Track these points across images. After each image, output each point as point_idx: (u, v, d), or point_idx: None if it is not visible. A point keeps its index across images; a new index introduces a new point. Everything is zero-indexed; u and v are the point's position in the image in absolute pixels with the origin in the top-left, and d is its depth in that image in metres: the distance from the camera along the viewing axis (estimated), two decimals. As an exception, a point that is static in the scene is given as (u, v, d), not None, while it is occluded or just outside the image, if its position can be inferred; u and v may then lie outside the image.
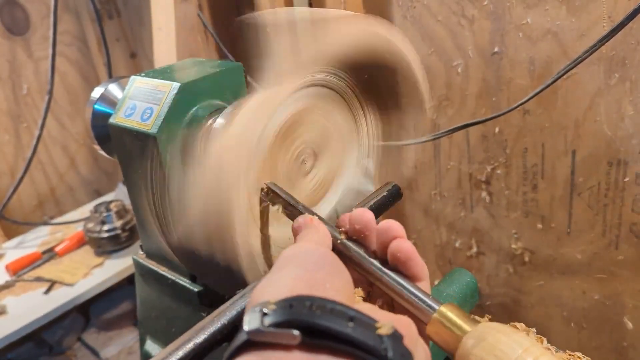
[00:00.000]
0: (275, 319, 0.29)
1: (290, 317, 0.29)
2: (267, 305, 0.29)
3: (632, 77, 0.78)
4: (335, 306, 0.30)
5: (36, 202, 1.69)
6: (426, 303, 0.37)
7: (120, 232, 1.45)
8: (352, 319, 0.29)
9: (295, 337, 0.28)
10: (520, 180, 0.97)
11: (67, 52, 1.69)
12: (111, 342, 1.50)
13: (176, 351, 0.36)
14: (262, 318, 0.29)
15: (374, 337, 0.29)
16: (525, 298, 1.06)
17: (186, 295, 0.66)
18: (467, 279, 0.79)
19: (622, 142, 0.83)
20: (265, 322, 0.28)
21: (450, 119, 1.02)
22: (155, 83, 0.61)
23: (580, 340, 1.02)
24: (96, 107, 0.71)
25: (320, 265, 0.35)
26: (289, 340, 0.28)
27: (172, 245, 0.61)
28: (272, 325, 0.28)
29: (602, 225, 0.90)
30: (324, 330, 0.28)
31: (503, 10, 0.87)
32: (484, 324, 0.34)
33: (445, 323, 0.35)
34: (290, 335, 0.28)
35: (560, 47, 0.83)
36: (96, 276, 1.37)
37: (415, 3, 0.98)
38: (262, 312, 0.29)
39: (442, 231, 1.16)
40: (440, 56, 0.99)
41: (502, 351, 0.31)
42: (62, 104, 1.70)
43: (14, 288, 1.35)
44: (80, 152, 1.78)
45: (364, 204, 0.53)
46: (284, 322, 0.28)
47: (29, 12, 1.58)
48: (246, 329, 0.28)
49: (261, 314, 0.29)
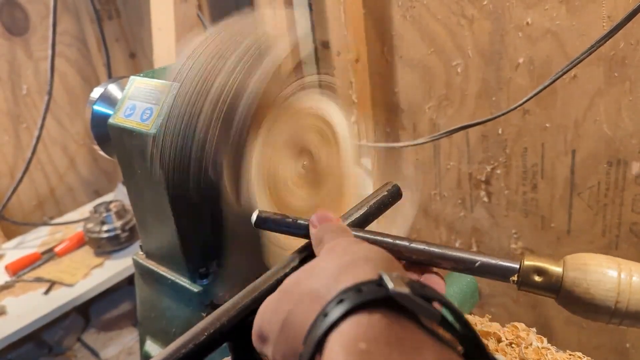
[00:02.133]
0: (420, 291, 0.27)
1: (431, 296, 0.27)
2: (400, 277, 0.28)
3: (632, 77, 0.78)
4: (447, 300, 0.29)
5: (36, 202, 1.69)
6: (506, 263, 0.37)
7: (120, 232, 1.44)
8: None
9: (436, 315, 0.27)
10: (520, 180, 0.97)
11: (67, 52, 1.69)
12: (111, 343, 1.50)
13: (176, 351, 0.36)
14: (409, 285, 0.27)
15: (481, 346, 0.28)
16: (525, 298, 1.06)
17: (186, 296, 0.66)
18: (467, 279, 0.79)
19: (622, 141, 0.83)
20: (413, 290, 0.27)
21: (450, 118, 1.02)
22: (154, 83, 0.60)
23: (580, 340, 1.01)
24: (96, 107, 0.71)
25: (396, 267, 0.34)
26: (430, 316, 0.27)
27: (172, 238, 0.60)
28: (419, 296, 0.27)
29: (602, 225, 0.90)
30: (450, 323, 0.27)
31: (503, 10, 0.87)
32: (571, 257, 0.36)
33: (538, 270, 0.36)
34: (435, 313, 0.27)
35: (560, 47, 0.83)
36: (96, 276, 1.37)
37: (415, 3, 0.98)
38: (403, 280, 0.27)
39: (442, 231, 1.16)
40: (440, 56, 0.99)
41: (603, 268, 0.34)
42: (62, 105, 1.70)
43: (13, 288, 1.35)
44: (79, 152, 1.78)
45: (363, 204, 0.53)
46: (426, 298, 0.27)
47: (28, 12, 1.58)
48: (391, 287, 0.27)
49: (404, 282, 0.27)
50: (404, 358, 0.24)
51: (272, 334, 0.33)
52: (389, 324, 0.26)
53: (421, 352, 0.25)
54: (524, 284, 0.36)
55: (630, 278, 0.33)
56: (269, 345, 0.33)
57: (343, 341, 0.25)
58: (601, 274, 0.33)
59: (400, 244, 0.41)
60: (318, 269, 0.33)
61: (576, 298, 0.34)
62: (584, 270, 0.34)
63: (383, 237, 0.42)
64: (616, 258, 0.34)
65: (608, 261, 0.34)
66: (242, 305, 0.39)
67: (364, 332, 0.25)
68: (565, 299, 0.35)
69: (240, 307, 0.39)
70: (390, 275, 0.28)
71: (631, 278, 0.33)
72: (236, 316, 0.39)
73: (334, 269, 0.31)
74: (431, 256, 0.40)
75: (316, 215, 0.42)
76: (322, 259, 0.35)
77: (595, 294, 0.33)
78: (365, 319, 0.26)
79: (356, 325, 0.26)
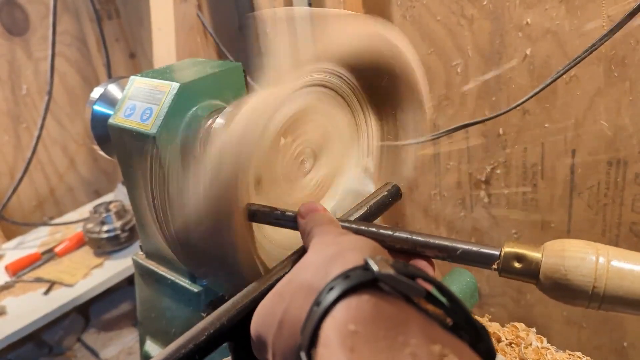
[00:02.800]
0: (404, 270, 0.28)
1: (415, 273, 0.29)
2: (385, 259, 0.29)
3: (632, 77, 0.78)
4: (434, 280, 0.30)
5: (36, 202, 1.69)
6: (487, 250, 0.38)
7: (119, 232, 1.44)
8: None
9: (421, 292, 0.28)
10: (520, 180, 0.97)
11: (67, 52, 1.69)
12: (111, 343, 1.50)
13: (176, 352, 0.36)
14: (392, 266, 0.28)
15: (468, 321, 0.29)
16: (524, 298, 1.06)
17: (186, 296, 0.66)
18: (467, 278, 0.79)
19: (622, 141, 0.83)
20: (397, 269, 0.28)
21: (450, 118, 1.02)
22: (154, 83, 0.60)
23: (580, 340, 1.01)
24: (96, 107, 0.71)
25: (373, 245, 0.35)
26: (415, 293, 0.28)
27: (171, 244, 0.61)
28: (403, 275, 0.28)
29: (602, 225, 0.90)
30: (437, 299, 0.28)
31: (502, 10, 0.87)
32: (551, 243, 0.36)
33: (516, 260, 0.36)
34: (419, 289, 0.28)
35: (560, 46, 0.83)
36: (96, 277, 1.37)
37: (415, 3, 0.98)
38: (386, 261, 0.29)
39: (442, 231, 1.16)
40: (440, 56, 0.99)
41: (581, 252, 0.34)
42: (62, 105, 1.70)
43: (13, 289, 1.35)
44: (79, 152, 1.78)
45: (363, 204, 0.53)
46: (410, 276, 0.28)
47: (28, 12, 1.58)
48: (376, 269, 0.28)
49: (388, 263, 0.29)
50: (390, 333, 0.26)
51: (269, 336, 0.33)
52: (376, 303, 0.27)
53: (407, 325, 0.26)
54: (504, 270, 0.37)
55: (607, 263, 0.33)
56: (269, 348, 0.33)
57: (335, 325, 0.27)
58: (579, 260, 0.34)
59: (384, 233, 0.41)
60: (307, 264, 0.34)
61: (555, 284, 0.35)
62: (562, 256, 0.34)
63: (368, 226, 0.43)
64: (596, 244, 0.35)
65: (586, 246, 0.34)
66: (242, 305, 0.39)
67: (354, 314, 0.27)
68: (545, 284, 0.35)
69: (240, 307, 0.39)
70: (374, 259, 0.29)
71: (608, 263, 0.33)
72: (236, 316, 0.39)
73: (323, 261, 0.32)
74: (414, 244, 0.41)
75: (303, 207, 0.43)
76: (310, 253, 0.35)
77: (573, 279, 0.34)
78: (354, 302, 0.27)
79: (346, 309, 0.27)
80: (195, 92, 0.60)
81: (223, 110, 0.59)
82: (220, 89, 0.62)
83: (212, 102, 0.61)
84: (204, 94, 0.61)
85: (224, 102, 0.62)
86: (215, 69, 0.62)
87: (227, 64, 0.64)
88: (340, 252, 0.32)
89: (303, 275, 0.33)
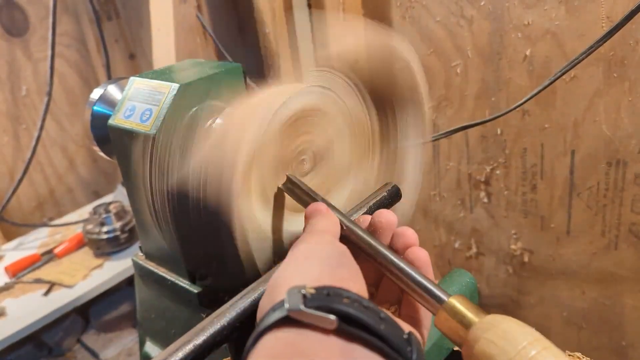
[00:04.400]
0: (315, 302, 0.30)
1: (328, 304, 0.30)
2: (305, 288, 0.31)
3: (631, 77, 0.78)
4: (369, 304, 0.31)
5: (35, 203, 1.69)
6: (436, 294, 0.37)
7: (119, 233, 1.44)
8: (383, 319, 0.31)
9: (332, 322, 0.29)
10: (520, 181, 0.98)
11: (66, 53, 1.69)
12: (111, 344, 1.50)
13: (176, 353, 0.36)
14: (303, 299, 0.30)
15: (402, 339, 0.31)
16: (524, 298, 1.06)
17: (186, 297, 0.66)
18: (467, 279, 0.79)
19: (621, 142, 0.83)
20: (307, 303, 0.30)
21: (450, 119, 1.02)
22: (154, 84, 0.60)
23: (580, 341, 1.02)
24: (95, 108, 0.71)
25: (343, 264, 0.36)
26: (326, 324, 0.29)
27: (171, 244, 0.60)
28: (313, 308, 0.30)
29: (602, 226, 0.90)
30: (358, 323, 0.30)
31: (502, 11, 0.87)
32: (493, 315, 0.34)
33: (455, 313, 0.35)
34: (328, 319, 0.29)
35: (559, 47, 0.83)
36: (95, 278, 1.37)
37: (414, 3, 0.98)
38: (301, 293, 0.30)
39: (442, 232, 1.16)
40: (440, 56, 0.99)
41: (513, 337, 0.32)
42: (61, 106, 1.70)
43: (13, 290, 1.35)
44: (79, 153, 1.78)
45: (363, 204, 0.53)
46: (322, 307, 0.30)
47: (27, 13, 1.58)
48: (287, 306, 0.30)
49: (301, 295, 0.30)
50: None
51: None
52: (287, 341, 0.29)
53: (315, 358, 0.28)
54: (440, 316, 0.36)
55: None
56: None
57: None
58: (500, 348, 0.32)
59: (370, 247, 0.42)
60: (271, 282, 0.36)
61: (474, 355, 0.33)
62: (493, 332, 0.33)
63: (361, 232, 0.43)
64: (533, 335, 0.32)
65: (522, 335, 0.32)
66: (242, 306, 0.39)
67: (269, 352, 0.29)
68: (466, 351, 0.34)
69: (239, 308, 0.39)
70: (292, 292, 0.31)
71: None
72: (236, 317, 0.39)
73: (274, 284, 0.34)
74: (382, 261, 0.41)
75: (309, 208, 0.45)
76: (281, 266, 0.37)
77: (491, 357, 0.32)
78: (269, 341, 0.30)
79: (262, 347, 0.30)
80: (195, 93, 0.60)
81: (223, 111, 0.59)
82: (220, 90, 0.62)
83: (212, 103, 0.61)
84: (204, 94, 0.61)
85: (224, 103, 0.62)
86: (215, 70, 0.62)
87: (227, 65, 0.64)
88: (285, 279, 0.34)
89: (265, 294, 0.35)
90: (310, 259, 0.36)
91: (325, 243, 0.39)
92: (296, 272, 0.35)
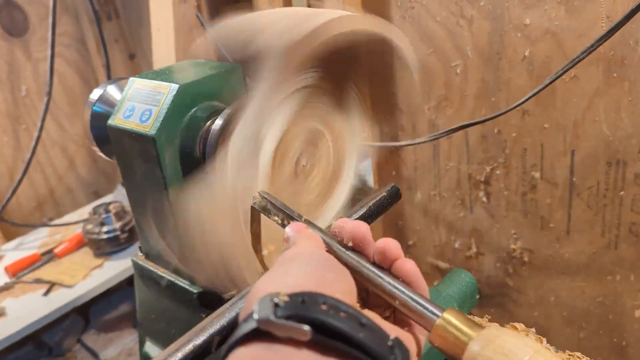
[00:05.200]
0: (287, 311, 0.28)
1: (302, 312, 0.28)
2: (278, 296, 0.28)
3: (631, 77, 0.78)
4: (348, 309, 0.29)
5: (35, 203, 1.69)
6: (429, 309, 0.36)
7: (119, 233, 1.44)
8: (364, 325, 0.29)
9: (305, 334, 0.27)
10: (520, 181, 0.97)
11: (66, 53, 1.69)
12: (111, 344, 1.50)
13: (175, 352, 0.36)
14: (274, 308, 0.28)
15: (385, 346, 0.29)
16: (524, 298, 1.06)
17: (185, 297, 0.66)
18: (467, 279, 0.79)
19: (621, 142, 0.83)
20: (277, 313, 0.28)
21: (449, 119, 1.02)
22: (154, 84, 0.60)
23: (580, 340, 1.01)
24: (95, 108, 0.71)
25: (328, 267, 0.34)
26: (299, 335, 0.27)
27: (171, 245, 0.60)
28: (284, 318, 0.27)
29: (602, 225, 0.90)
30: (335, 332, 0.27)
31: (502, 11, 0.87)
32: (489, 329, 0.33)
33: (450, 329, 0.34)
34: (301, 330, 0.27)
35: (559, 47, 0.83)
36: (95, 278, 1.37)
37: (414, 3, 0.98)
38: (273, 302, 0.28)
39: (442, 231, 1.16)
40: (439, 56, 0.99)
41: (511, 351, 0.31)
42: (61, 106, 1.70)
43: (13, 290, 1.35)
44: (79, 153, 1.78)
45: (363, 205, 0.53)
46: (295, 316, 0.27)
47: (27, 13, 1.58)
48: (256, 317, 0.28)
49: (273, 304, 0.28)
50: None
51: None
52: (257, 354, 0.28)
53: None
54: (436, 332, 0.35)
55: None
56: None
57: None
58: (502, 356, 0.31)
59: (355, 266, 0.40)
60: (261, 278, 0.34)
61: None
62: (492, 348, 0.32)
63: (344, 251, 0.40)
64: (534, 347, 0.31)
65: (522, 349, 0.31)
66: (242, 307, 0.39)
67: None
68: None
69: (239, 308, 0.39)
70: (264, 301, 0.28)
71: None
72: (236, 317, 0.39)
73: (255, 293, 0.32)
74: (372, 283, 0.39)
75: (289, 228, 0.41)
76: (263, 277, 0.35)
77: None
78: (237, 357, 0.28)
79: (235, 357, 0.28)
80: (194, 93, 0.60)
81: (222, 112, 0.59)
82: (220, 90, 0.62)
83: (212, 104, 0.61)
84: (203, 95, 0.61)
85: (223, 103, 0.62)
86: (215, 71, 0.62)
87: (226, 66, 0.64)
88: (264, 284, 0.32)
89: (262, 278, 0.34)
90: (296, 261, 0.34)
91: (309, 250, 0.37)
92: (277, 277, 0.32)
